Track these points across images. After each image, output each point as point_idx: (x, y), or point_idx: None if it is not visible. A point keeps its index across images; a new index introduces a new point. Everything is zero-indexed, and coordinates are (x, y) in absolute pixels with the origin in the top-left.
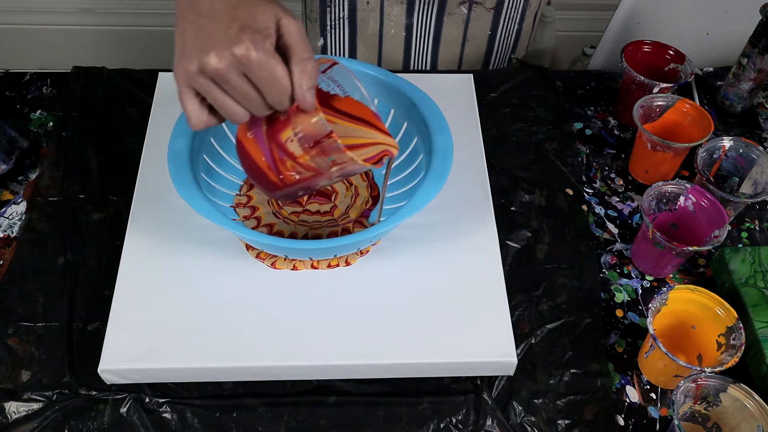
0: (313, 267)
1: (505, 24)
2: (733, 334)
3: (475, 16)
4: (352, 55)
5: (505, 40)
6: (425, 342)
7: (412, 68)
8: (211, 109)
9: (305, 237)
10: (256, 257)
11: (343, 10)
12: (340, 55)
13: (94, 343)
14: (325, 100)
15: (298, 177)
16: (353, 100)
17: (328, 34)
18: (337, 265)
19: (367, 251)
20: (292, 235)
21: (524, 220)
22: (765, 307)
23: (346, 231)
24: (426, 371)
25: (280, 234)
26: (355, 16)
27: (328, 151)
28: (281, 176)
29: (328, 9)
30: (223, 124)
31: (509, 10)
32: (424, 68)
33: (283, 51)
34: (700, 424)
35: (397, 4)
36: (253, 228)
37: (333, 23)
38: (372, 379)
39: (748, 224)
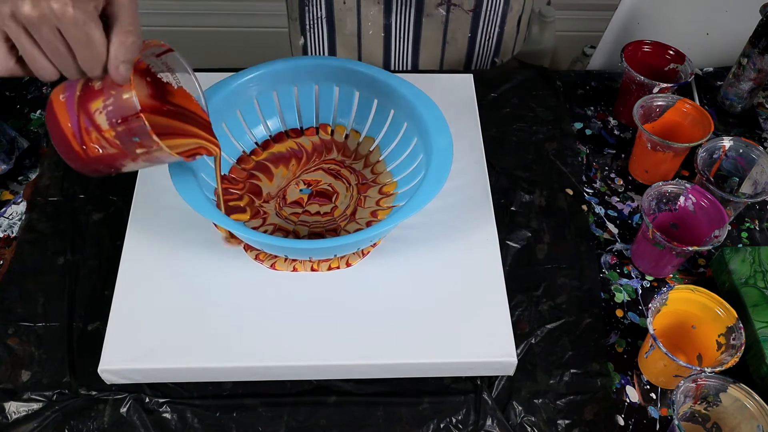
0: (312, 270)
1: (485, 27)
2: (733, 334)
3: (453, 17)
4: (332, 55)
5: (486, 43)
6: (425, 342)
7: (392, 71)
8: (20, 59)
9: (305, 237)
10: (255, 258)
11: (321, 10)
12: (320, 55)
13: (94, 343)
14: (159, 86)
15: (101, 152)
16: (186, 92)
17: (308, 34)
18: (338, 267)
19: (368, 252)
20: (293, 235)
21: (524, 220)
22: (765, 307)
23: (346, 231)
24: (426, 371)
25: (280, 234)
26: (332, 15)
27: (135, 131)
28: (84, 146)
29: (307, 8)
30: (225, 126)
31: (488, 12)
32: (405, 71)
33: (108, 19)
34: (700, 424)
35: (374, 4)
36: (256, 228)
37: (312, 23)
38: (372, 379)
39: (748, 224)
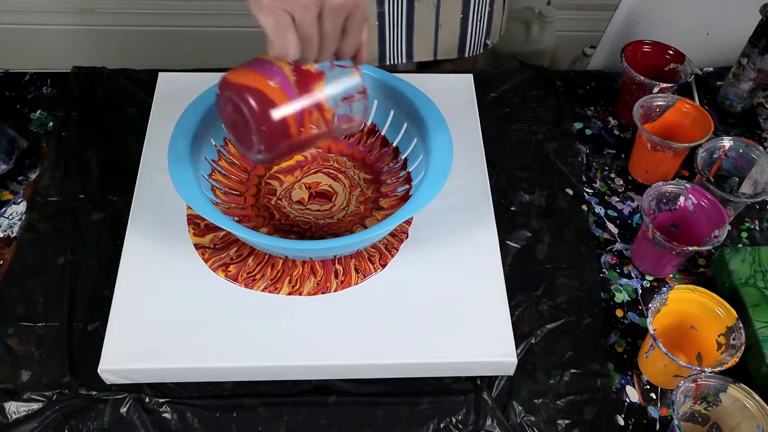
0: (322, 293)
1: (476, 5)
2: (733, 334)
3: None
4: None
5: (478, 23)
6: (425, 342)
7: (388, 58)
8: None
9: (305, 236)
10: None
11: None
12: None
13: (94, 343)
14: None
15: (315, 132)
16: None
17: None
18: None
19: (384, 266)
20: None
21: (524, 220)
22: (765, 307)
23: (346, 232)
24: (426, 371)
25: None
26: None
27: (354, 107)
28: (302, 128)
29: None
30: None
31: None
32: (399, 58)
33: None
34: (700, 424)
35: None
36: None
37: None
38: (372, 379)
39: (748, 224)
